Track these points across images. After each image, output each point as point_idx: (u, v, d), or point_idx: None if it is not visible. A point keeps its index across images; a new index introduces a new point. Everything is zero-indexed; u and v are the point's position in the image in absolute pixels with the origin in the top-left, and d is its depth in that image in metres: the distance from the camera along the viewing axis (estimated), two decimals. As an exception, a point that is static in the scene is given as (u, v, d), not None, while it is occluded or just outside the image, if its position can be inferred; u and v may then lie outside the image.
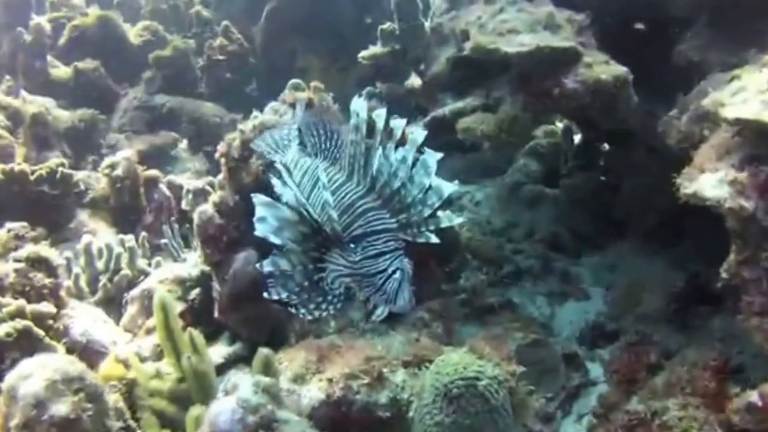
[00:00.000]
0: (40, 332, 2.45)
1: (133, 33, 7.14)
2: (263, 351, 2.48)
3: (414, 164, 2.44)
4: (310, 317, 2.42)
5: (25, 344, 2.37)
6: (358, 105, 2.45)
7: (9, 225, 2.97)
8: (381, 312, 2.38)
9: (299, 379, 2.74)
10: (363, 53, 4.75)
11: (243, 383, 2.11)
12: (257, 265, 2.33)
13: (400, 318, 3.58)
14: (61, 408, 1.81)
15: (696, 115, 2.66)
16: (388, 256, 2.34)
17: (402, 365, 2.84)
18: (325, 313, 2.40)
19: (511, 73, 3.47)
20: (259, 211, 2.33)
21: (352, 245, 2.39)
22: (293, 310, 2.40)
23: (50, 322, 2.61)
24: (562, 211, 4.76)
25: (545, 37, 2.96)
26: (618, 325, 3.73)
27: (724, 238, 2.52)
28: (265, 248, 2.73)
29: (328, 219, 2.36)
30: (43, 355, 1.93)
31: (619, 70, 2.93)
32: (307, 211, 2.31)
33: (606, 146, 4.75)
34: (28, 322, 2.41)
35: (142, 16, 7.89)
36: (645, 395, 2.98)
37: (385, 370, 2.72)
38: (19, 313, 2.45)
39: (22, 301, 2.50)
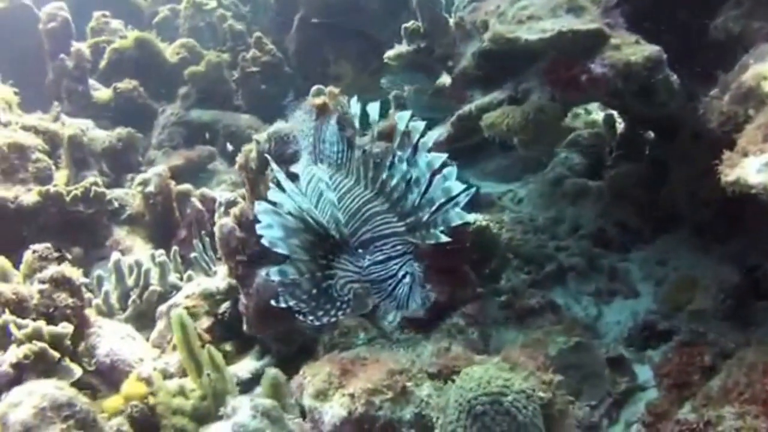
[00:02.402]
0: (56, 354, 2.44)
1: (170, 51, 7.27)
2: (271, 372, 2.41)
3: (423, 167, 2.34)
4: (318, 323, 2.39)
5: (42, 366, 2.36)
6: (357, 108, 2.37)
7: (33, 247, 2.99)
8: (393, 318, 2.31)
9: (321, 394, 2.63)
10: (389, 53, 4.63)
11: (242, 407, 2.02)
12: (263, 274, 2.28)
13: (435, 324, 3.46)
14: None
15: (739, 93, 2.41)
16: (397, 260, 2.32)
17: (429, 378, 2.70)
18: (333, 319, 2.38)
19: (539, 63, 3.28)
20: (264, 219, 2.28)
21: (360, 251, 2.32)
22: (301, 318, 2.36)
23: (68, 342, 2.58)
24: (607, 204, 4.52)
25: (568, 21, 2.76)
26: (670, 324, 3.48)
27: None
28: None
29: (334, 221, 2.29)
30: (34, 381, 1.90)
31: (651, 49, 2.70)
32: (312, 217, 2.25)
33: (651, 134, 4.47)
34: (43, 344, 2.40)
35: (181, 34, 8.02)
36: (699, 402, 2.73)
37: (409, 384, 2.57)
38: (36, 335, 2.45)
39: (39, 323, 2.50)
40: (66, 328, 2.58)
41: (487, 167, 6.14)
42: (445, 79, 5.00)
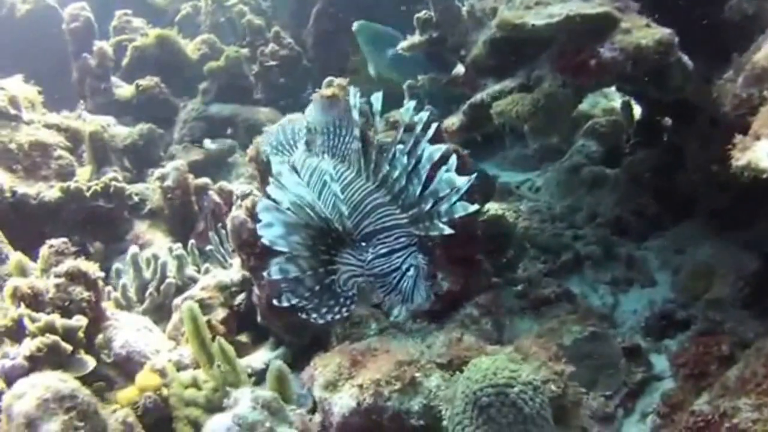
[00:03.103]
0: (68, 347, 2.49)
1: (191, 48, 7.35)
2: (276, 364, 2.42)
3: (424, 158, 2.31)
4: (322, 321, 2.34)
5: (55, 359, 2.42)
6: (357, 99, 2.34)
7: (50, 241, 3.06)
8: (398, 312, 2.27)
9: (331, 385, 2.64)
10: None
11: (243, 398, 2.04)
12: (264, 274, 2.25)
13: (448, 315, 3.45)
14: (52, 427, 1.82)
15: (753, 75, 2.33)
16: (400, 253, 2.26)
17: (439, 368, 2.69)
18: (338, 317, 2.32)
19: (550, 49, 3.22)
20: (264, 217, 2.25)
21: (362, 244, 2.29)
22: (304, 316, 2.33)
23: (81, 335, 2.64)
24: (624, 192, 4.45)
25: (576, 5, 2.71)
26: (687, 313, 3.42)
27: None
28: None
29: (338, 215, 2.24)
30: (38, 374, 1.96)
31: (662, 33, 2.63)
32: (314, 210, 2.23)
33: (669, 120, 4.38)
34: (55, 337, 2.46)
35: (202, 31, 8.09)
36: (715, 392, 2.67)
37: (417, 374, 2.57)
38: (49, 328, 2.51)
39: (52, 316, 2.56)
40: (79, 321, 2.64)
41: (506, 156, 6.11)
42: (460, 69, 4.96)
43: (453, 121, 4.05)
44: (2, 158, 4.38)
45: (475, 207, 2.27)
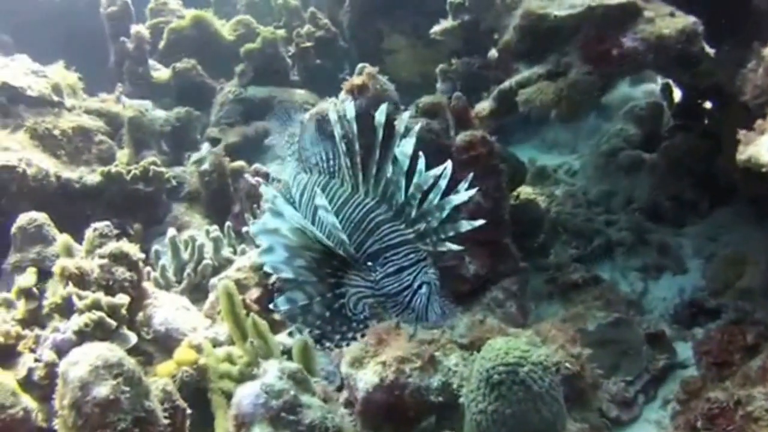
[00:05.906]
0: (112, 323, 2.67)
1: (227, 29, 7.44)
2: (301, 339, 2.52)
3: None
4: (336, 349, 2.24)
5: (100, 334, 2.61)
6: (352, 110, 2.24)
7: (94, 224, 3.24)
8: (414, 332, 2.22)
9: (357, 362, 2.77)
10: (435, 29, 4.63)
11: (271, 369, 2.18)
12: (271, 306, 2.19)
13: (476, 298, 3.52)
14: (102, 390, 2.03)
15: (771, 67, 2.32)
16: (410, 270, 2.11)
17: (460, 348, 2.78)
18: (352, 342, 2.21)
19: (576, 38, 3.22)
20: (263, 242, 2.12)
21: (369, 264, 2.16)
22: (318, 347, 2.21)
23: (124, 312, 2.82)
24: (661, 177, 4.40)
25: (601, -6, 2.71)
26: (717, 302, 3.41)
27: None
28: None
29: (338, 242, 2.11)
30: (90, 344, 2.16)
31: (685, 22, 2.62)
32: (318, 239, 2.09)
33: (709, 104, 4.30)
34: (101, 314, 2.64)
35: (238, 11, 8.18)
36: (737, 381, 2.69)
37: (437, 353, 2.67)
38: (95, 305, 2.69)
39: (98, 294, 2.74)
40: (122, 299, 2.82)
41: (546, 138, 6.08)
42: (493, 53, 4.95)
43: (483, 107, 4.08)
44: (48, 144, 4.58)
45: (480, 222, 2.19)
